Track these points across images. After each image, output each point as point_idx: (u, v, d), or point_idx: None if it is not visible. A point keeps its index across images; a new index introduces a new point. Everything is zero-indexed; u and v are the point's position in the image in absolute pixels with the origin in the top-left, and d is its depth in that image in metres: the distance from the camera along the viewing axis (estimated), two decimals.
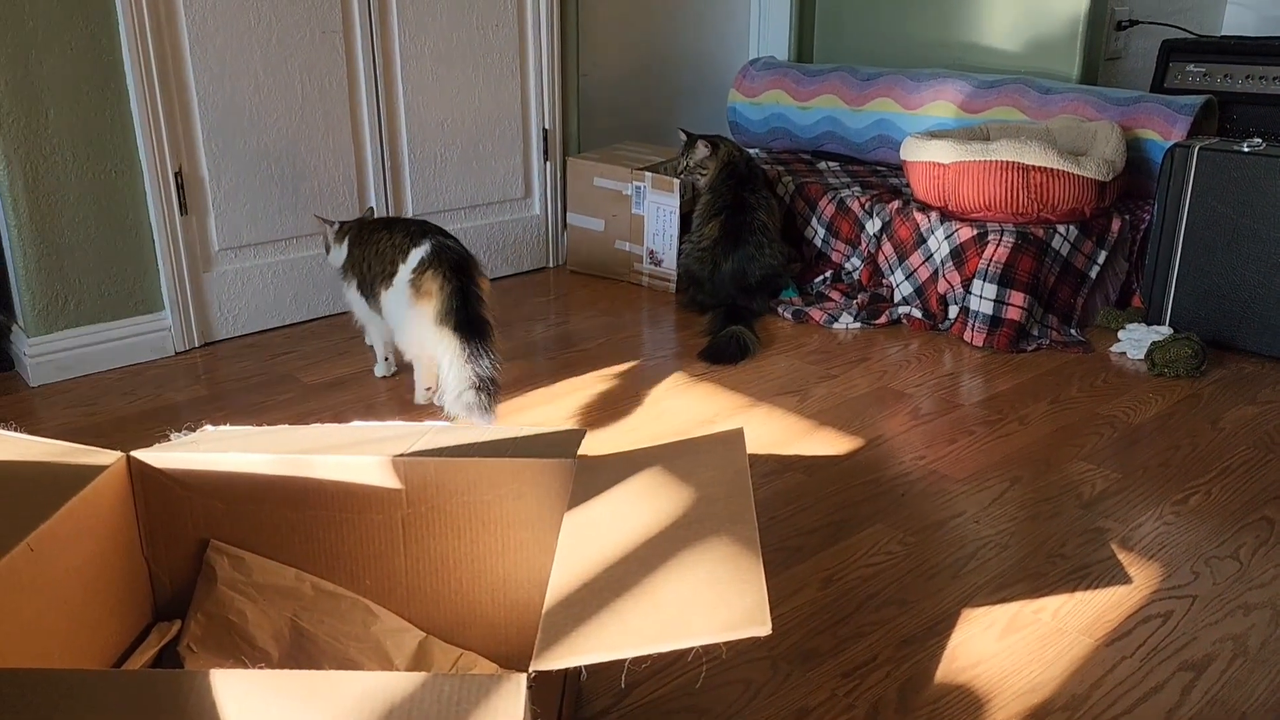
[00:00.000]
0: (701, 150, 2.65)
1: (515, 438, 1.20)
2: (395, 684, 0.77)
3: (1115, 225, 2.44)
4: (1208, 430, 1.91)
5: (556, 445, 1.17)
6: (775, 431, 1.92)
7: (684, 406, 2.03)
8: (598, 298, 2.69)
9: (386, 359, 2.17)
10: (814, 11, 3.50)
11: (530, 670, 0.77)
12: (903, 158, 2.52)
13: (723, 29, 3.52)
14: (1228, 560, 1.49)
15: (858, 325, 2.46)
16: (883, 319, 2.47)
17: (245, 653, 1.16)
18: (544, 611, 0.85)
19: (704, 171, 2.65)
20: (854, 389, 2.11)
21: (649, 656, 1.02)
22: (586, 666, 1.01)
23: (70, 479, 1.06)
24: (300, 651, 1.17)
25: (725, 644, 1.29)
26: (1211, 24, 3.30)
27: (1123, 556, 1.50)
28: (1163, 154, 2.32)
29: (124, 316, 2.24)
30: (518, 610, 1.18)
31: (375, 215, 2.24)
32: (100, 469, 1.09)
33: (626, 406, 2.04)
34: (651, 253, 2.76)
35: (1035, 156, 2.30)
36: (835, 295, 2.62)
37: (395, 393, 2.10)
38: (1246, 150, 2.17)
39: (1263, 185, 2.14)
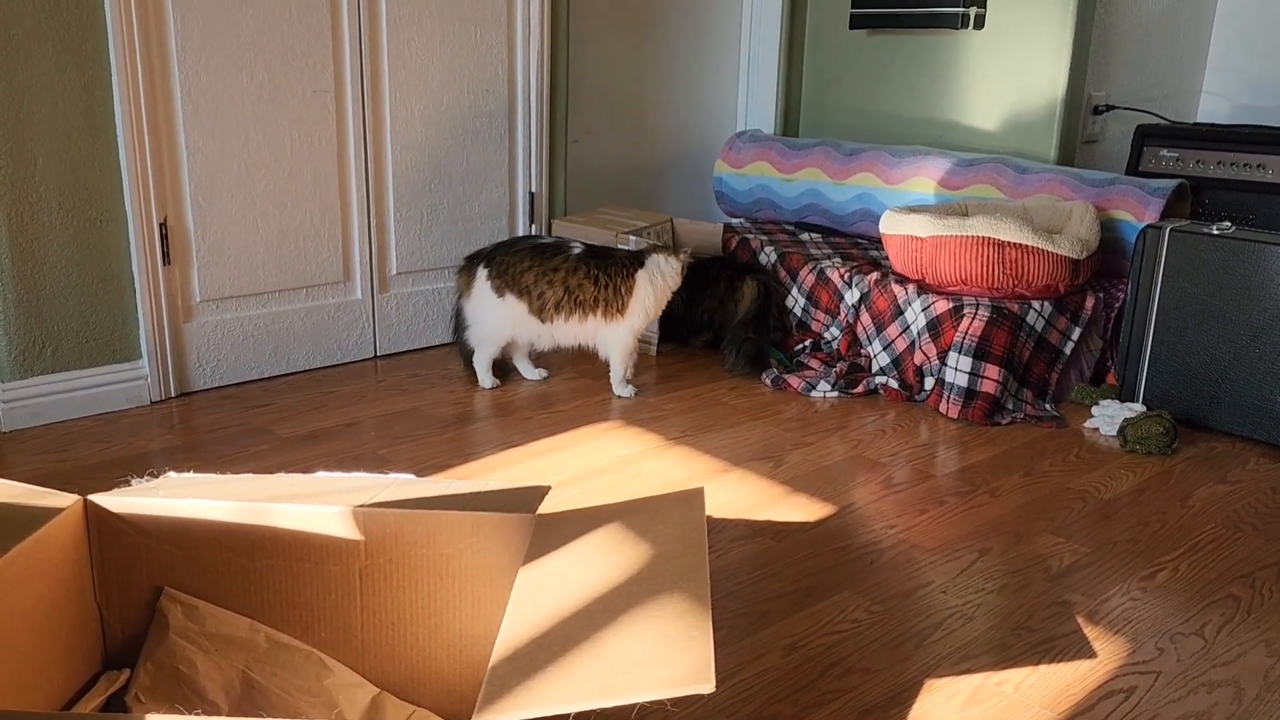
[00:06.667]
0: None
1: (478, 492, 1.20)
2: None
3: (1089, 302, 2.47)
4: (1177, 507, 1.92)
5: (518, 500, 1.17)
6: (747, 497, 1.92)
7: (658, 470, 2.03)
8: (579, 359, 2.70)
9: None
10: (800, 87, 3.58)
11: None
12: (881, 231, 2.56)
13: (711, 101, 3.59)
14: (1193, 637, 1.48)
15: (835, 394, 2.47)
16: (860, 388, 2.48)
17: (194, 704, 1.14)
18: (490, 666, 0.85)
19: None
20: (828, 457, 2.12)
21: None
22: None
23: (24, 521, 1.05)
24: (250, 704, 1.15)
25: (681, 705, 1.28)
26: (1187, 110, 3.38)
27: (1088, 631, 1.49)
28: (1136, 235, 2.36)
29: (101, 364, 2.24)
30: (474, 667, 1.17)
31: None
32: (56, 511, 1.09)
33: (600, 468, 2.03)
34: None
35: (1010, 233, 2.33)
36: (814, 364, 2.63)
37: (368, 447, 2.09)
38: (1215, 233, 2.21)
39: (1231, 267, 2.18)
